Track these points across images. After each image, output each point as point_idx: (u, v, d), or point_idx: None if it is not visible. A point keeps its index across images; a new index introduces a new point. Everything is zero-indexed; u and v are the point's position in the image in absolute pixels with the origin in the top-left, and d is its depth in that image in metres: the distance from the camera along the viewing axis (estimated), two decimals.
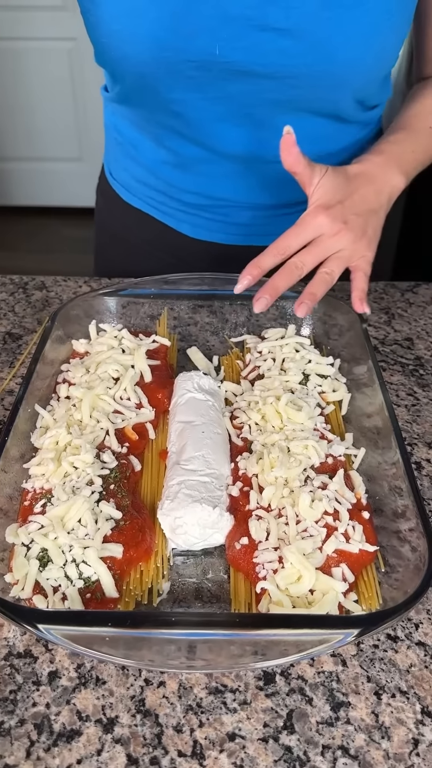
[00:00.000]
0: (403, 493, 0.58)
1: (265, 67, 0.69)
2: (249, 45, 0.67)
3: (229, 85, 0.72)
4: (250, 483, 0.59)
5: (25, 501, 0.58)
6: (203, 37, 0.67)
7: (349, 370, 0.74)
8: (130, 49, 0.69)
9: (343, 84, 0.72)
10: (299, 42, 0.67)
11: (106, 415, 0.64)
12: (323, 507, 0.55)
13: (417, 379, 0.79)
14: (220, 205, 0.90)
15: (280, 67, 0.69)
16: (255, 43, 0.67)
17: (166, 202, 0.93)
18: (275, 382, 0.69)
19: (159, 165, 0.88)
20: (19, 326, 0.86)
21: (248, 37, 0.67)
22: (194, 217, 0.92)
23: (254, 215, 0.90)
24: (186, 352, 0.80)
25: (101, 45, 0.73)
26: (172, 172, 0.88)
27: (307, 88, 0.71)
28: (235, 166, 0.84)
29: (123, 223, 0.98)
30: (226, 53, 0.68)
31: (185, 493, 0.56)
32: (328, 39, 0.67)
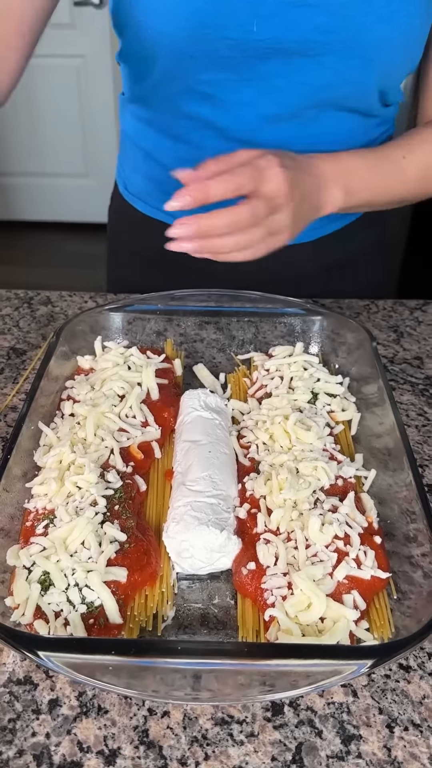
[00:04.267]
0: (415, 517, 0.56)
1: (299, 43, 0.70)
2: (286, 21, 0.68)
3: (262, 65, 0.73)
4: (257, 505, 0.58)
5: (27, 522, 0.56)
6: (242, 14, 0.68)
7: (358, 390, 0.73)
8: (168, 26, 0.70)
9: (370, 63, 0.72)
10: (333, 18, 0.68)
11: (111, 434, 0.63)
12: (334, 531, 0.54)
13: (427, 399, 0.77)
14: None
15: (314, 43, 0.70)
16: (291, 19, 0.68)
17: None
18: (283, 401, 0.67)
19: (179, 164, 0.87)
20: (23, 341, 0.85)
21: (286, 13, 0.68)
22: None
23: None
24: (192, 369, 0.78)
25: (137, 26, 0.72)
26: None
27: (337, 68, 0.72)
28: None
29: (140, 237, 0.97)
30: (263, 29, 0.69)
31: (192, 515, 0.55)
32: (359, 15, 0.68)
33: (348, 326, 0.77)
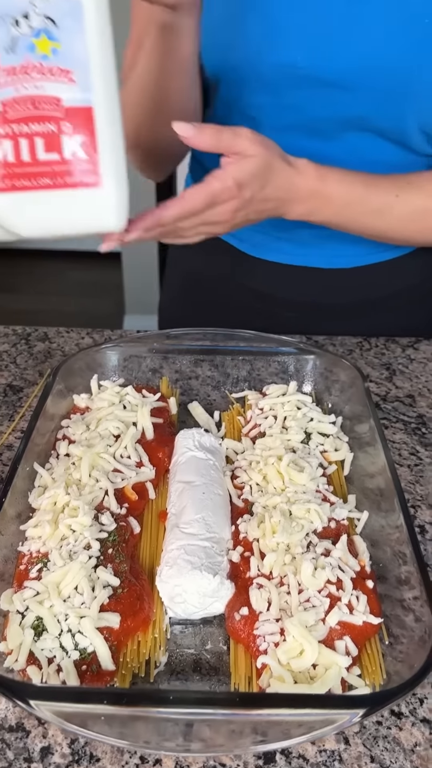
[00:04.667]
0: (406, 559, 0.57)
1: (339, 75, 0.73)
2: (327, 54, 0.71)
3: (304, 93, 0.75)
4: (251, 548, 0.58)
5: (21, 565, 0.57)
6: (288, 43, 0.70)
7: (351, 428, 0.73)
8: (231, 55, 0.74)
9: (407, 102, 0.73)
10: (373, 55, 0.71)
11: (105, 474, 0.63)
12: (326, 575, 0.54)
13: (419, 438, 0.78)
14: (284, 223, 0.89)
15: (353, 77, 0.72)
16: (333, 52, 0.71)
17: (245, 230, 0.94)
18: (276, 441, 0.68)
19: None
20: (20, 378, 0.86)
21: (328, 47, 0.71)
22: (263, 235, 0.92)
23: (313, 234, 0.88)
24: (187, 406, 0.79)
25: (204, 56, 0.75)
26: None
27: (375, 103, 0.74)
28: None
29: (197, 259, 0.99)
30: (306, 60, 0.72)
31: (185, 559, 0.55)
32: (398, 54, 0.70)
33: (340, 365, 0.78)
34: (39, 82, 0.44)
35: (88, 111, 0.45)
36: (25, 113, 0.44)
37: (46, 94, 0.44)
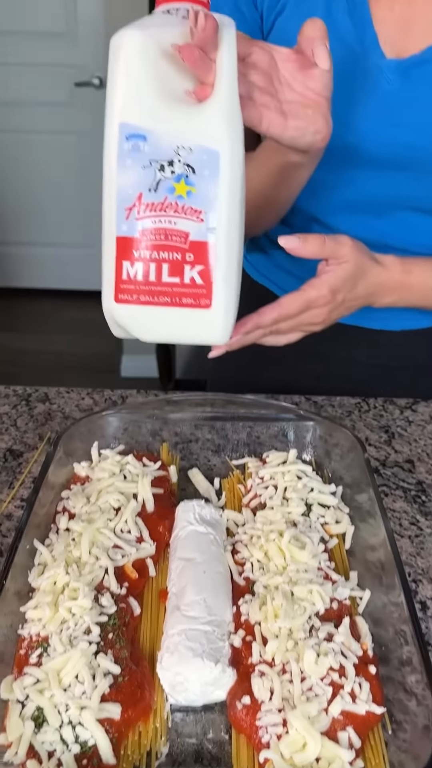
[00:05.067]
0: (408, 639, 0.57)
1: (389, 157, 0.76)
2: (377, 137, 0.75)
3: (357, 171, 0.80)
4: (252, 631, 0.58)
5: (21, 649, 0.56)
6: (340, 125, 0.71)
7: (351, 497, 0.74)
8: None
9: None
10: (421, 138, 0.74)
11: (105, 552, 0.63)
12: (329, 663, 0.54)
13: (419, 506, 0.78)
14: None
15: (402, 158, 0.76)
16: (383, 135, 0.74)
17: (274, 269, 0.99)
18: (277, 514, 0.68)
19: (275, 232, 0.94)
20: (20, 442, 0.86)
21: (378, 131, 0.74)
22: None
23: None
24: (188, 473, 0.79)
25: None
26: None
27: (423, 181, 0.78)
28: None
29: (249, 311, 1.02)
30: (358, 141, 0.76)
31: (186, 645, 0.54)
32: None
33: (339, 432, 0.78)
34: (173, 219, 0.51)
35: (210, 246, 0.52)
36: (158, 242, 0.51)
37: (177, 228, 0.51)
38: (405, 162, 0.77)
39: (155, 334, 0.56)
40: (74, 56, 2.73)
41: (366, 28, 0.73)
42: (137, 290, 0.52)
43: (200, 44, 0.47)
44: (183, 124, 0.50)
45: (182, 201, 0.51)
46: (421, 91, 0.72)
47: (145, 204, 0.51)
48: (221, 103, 0.50)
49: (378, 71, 0.73)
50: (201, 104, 0.50)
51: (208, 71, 0.49)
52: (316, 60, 0.54)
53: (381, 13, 0.73)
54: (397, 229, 0.83)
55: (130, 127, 0.49)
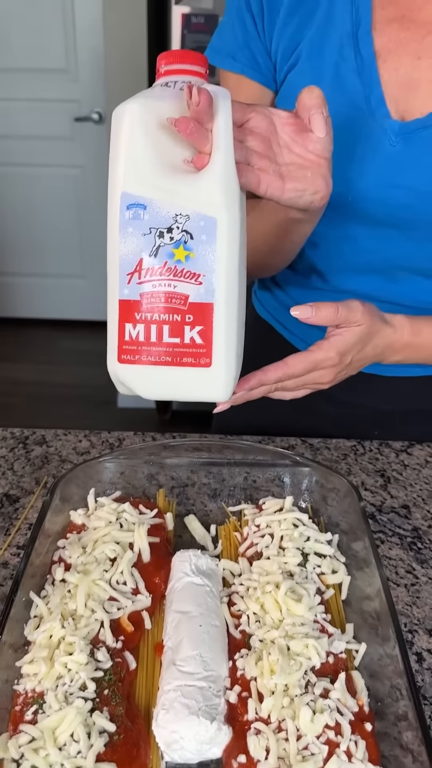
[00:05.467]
0: (403, 693, 0.57)
1: (387, 216, 0.78)
2: (377, 197, 0.77)
3: (356, 228, 0.81)
4: (248, 687, 0.58)
5: (17, 705, 0.56)
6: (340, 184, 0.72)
7: (348, 545, 0.74)
8: None
9: None
10: (419, 200, 0.75)
11: (101, 604, 0.63)
12: (325, 720, 0.54)
13: (415, 554, 0.78)
14: None
15: (400, 219, 0.78)
16: (382, 196, 0.76)
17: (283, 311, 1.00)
18: (274, 565, 0.68)
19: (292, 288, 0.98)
20: (17, 486, 0.86)
21: (377, 191, 0.75)
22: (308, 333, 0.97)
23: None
24: (184, 520, 0.79)
25: None
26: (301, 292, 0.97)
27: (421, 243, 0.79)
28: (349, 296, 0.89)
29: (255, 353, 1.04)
30: (357, 200, 0.77)
31: (182, 702, 0.54)
32: None
33: (334, 477, 0.79)
34: (173, 282, 0.53)
35: (209, 307, 0.54)
36: (158, 305, 0.53)
37: (177, 291, 0.53)
38: (403, 223, 0.78)
39: (158, 392, 0.57)
40: (74, 92, 2.78)
41: (374, 86, 0.74)
42: (139, 350, 0.54)
43: (195, 117, 0.48)
44: (181, 192, 0.51)
45: (181, 265, 0.52)
46: (422, 154, 0.73)
47: (145, 269, 0.52)
48: (218, 170, 0.51)
49: (382, 132, 0.74)
50: (199, 173, 0.52)
51: (205, 141, 0.50)
52: (312, 129, 0.56)
53: (387, 73, 0.74)
54: (401, 289, 0.85)
55: (130, 196, 0.51)
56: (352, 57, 0.74)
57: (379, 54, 0.74)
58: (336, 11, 0.75)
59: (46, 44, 2.70)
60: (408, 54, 0.74)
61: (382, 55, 0.74)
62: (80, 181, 2.93)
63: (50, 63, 2.74)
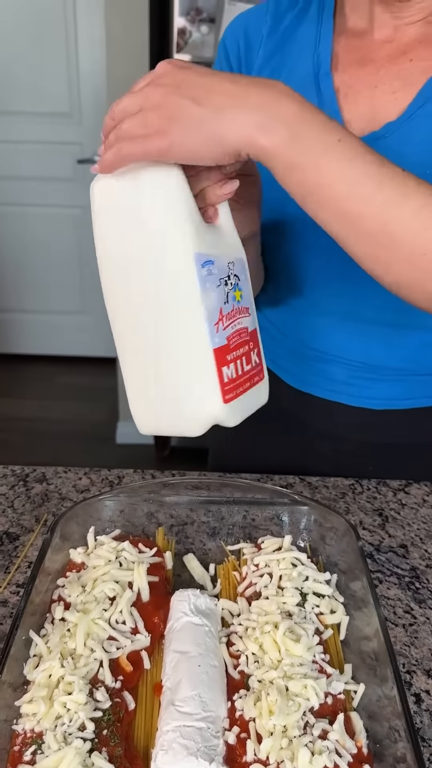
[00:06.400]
0: (401, 735, 0.56)
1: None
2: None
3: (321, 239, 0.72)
4: (247, 727, 0.58)
5: (15, 745, 0.56)
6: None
7: (346, 585, 0.74)
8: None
9: None
10: None
11: (100, 644, 0.63)
12: (323, 762, 0.53)
13: (413, 594, 0.79)
14: (317, 357, 0.96)
15: None
16: None
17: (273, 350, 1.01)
18: (272, 605, 0.68)
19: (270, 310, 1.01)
20: (17, 524, 0.86)
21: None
22: (296, 367, 0.99)
23: (350, 374, 0.95)
24: (183, 559, 0.80)
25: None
26: (279, 316, 0.99)
27: None
28: (331, 319, 0.92)
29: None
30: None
31: (180, 743, 0.54)
32: None
33: (333, 518, 0.79)
34: (239, 320, 0.62)
35: (256, 331, 0.65)
36: (238, 342, 0.62)
37: (243, 326, 0.63)
38: None
39: (242, 414, 0.63)
40: (78, 135, 2.85)
41: (334, 116, 0.81)
42: (235, 386, 0.61)
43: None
44: (218, 244, 0.61)
45: (239, 304, 0.62)
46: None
47: (225, 315, 0.60)
48: (226, 219, 0.62)
49: None
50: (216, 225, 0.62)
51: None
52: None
53: (348, 106, 0.82)
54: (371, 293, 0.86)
55: (202, 255, 0.58)
56: (314, 95, 0.83)
57: (340, 90, 0.82)
58: (301, 60, 0.85)
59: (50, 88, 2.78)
60: (366, 86, 0.81)
61: (343, 90, 0.82)
62: (81, 220, 2.98)
63: (54, 107, 2.81)
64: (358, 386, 0.95)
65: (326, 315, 0.92)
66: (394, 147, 0.78)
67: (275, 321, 1.00)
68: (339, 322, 0.92)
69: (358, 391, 0.96)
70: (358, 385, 0.95)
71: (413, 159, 0.77)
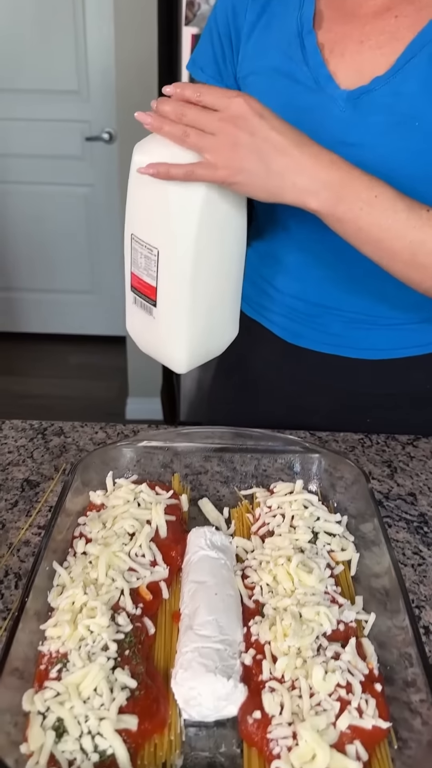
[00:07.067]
0: (412, 661, 0.59)
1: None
2: None
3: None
4: (262, 650, 0.60)
5: (41, 665, 0.58)
6: None
7: (356, 527, 0.76)
8: None
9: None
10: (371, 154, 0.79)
11: (121, 574, 0.66)
12: (336, 679, 0.56)
13: (422, 537, 0.81)
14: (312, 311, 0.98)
15: None
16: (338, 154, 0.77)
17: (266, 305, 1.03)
18: (285, 541, 0.71)
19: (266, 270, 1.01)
20: (37, 473, 0.89)
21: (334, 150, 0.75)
22: (291, 322, 1.00)
23: (345, 326, 0.97)
24: (198, 503, 0.82)
25: None
26: (276, 275, 1.00)
27: None
28: (327, 273, 0.93)
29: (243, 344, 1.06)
30: None
31: (199, 662, 0.57)
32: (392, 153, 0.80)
33: (344, 464, 0.81)
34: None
35: None
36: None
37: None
38: None
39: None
40: (86, 112, 2.85)
41: (319, 68, 0.83)
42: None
43: None
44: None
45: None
46: (369, 114, 0.81)
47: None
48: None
49: (332, 101, 0.82)
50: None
51: None
52: None
53: (334, 60, 0.84)
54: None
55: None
56: (299, 51, 0.85)
57: (325, 46, 0.84)
58: (286, 20, 0.87)
59: (58, 66, 2.78)
60: (352, 41, 0.83)
61: (328, 46, 0.84)
62: (90, 198, 2.99)
63: (62, 85, 2.81)
64: (354, 338, 0.97)
65: (322, 269, 0.94)
66: (383, 100, 0.80)
67: (268, 277, 1.01)
68: (335, 275, 0.93)
69: (354, 343, 0.97)
70: (353, 337, 0.97)
71: (402, 111, 0.79)
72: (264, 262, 1.01)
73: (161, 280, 0.73)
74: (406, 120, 0.79)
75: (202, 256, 0.72)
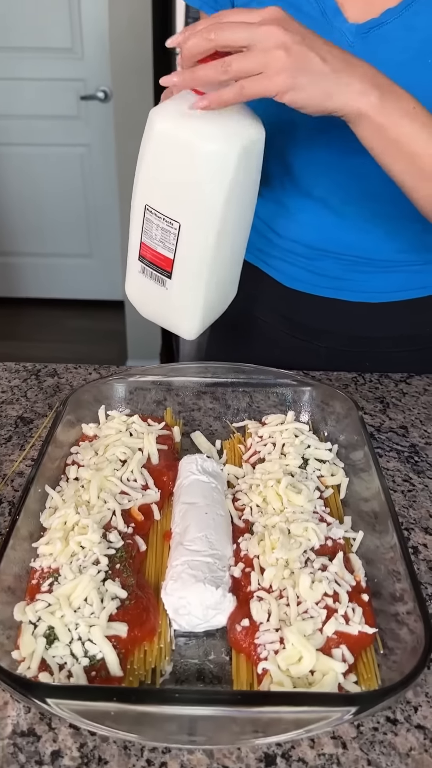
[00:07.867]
0: (400, 577, 0.60)
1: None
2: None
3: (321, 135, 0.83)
4: (251, 564, 0.61)
5: (33, 580, 0.59)
6: None
7: (346, 456, 0.77)
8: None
9: None
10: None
11: (113, 496, 0.67)
12: (323, 588, 0.57)
13: (412, 466, 0.82)
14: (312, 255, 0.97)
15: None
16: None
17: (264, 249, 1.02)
18: (275, 466, 0.72)
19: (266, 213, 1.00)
20: (30, 411, 0.90)
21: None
22: (289, 265, 1.00)
23: (345, 269, 0.96)
24: (190, 436, 0.83)
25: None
26: (276, 219, 0.99)
27: None
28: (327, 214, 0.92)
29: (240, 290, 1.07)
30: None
31: (189, 573, 0.58)
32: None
33: (336, 396, 0.82)
34: None
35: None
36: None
37: None
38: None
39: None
40: (80, 70, 2.80)
41: (327, 2, 0.80)
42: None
43: None
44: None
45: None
46: (379, 48, 0.78)
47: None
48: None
49: (340, 35, 0.79)
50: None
51: None
52: None
53: None
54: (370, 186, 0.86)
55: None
56: None
57: None
58: None
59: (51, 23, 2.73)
60: None
61: None
62: (86, 159, 2.96)
63: (56, 42, 2.76)
64: (354, 281, 0.97)
65: (322, 210, 0.93)
66: (395, 33, 0.77)
67: (267, 219, 1.01)
68: (335, 217, 0.93)
69: (354, 286, 0.97)
70: (353, 280, 0.97)
71: (415, 45, 0.76)
72: (265, 206, 1.00)
73: (180, 252, 0.70)
74: (419, 56, 0.76)
75: (226, 226, 0.70)
